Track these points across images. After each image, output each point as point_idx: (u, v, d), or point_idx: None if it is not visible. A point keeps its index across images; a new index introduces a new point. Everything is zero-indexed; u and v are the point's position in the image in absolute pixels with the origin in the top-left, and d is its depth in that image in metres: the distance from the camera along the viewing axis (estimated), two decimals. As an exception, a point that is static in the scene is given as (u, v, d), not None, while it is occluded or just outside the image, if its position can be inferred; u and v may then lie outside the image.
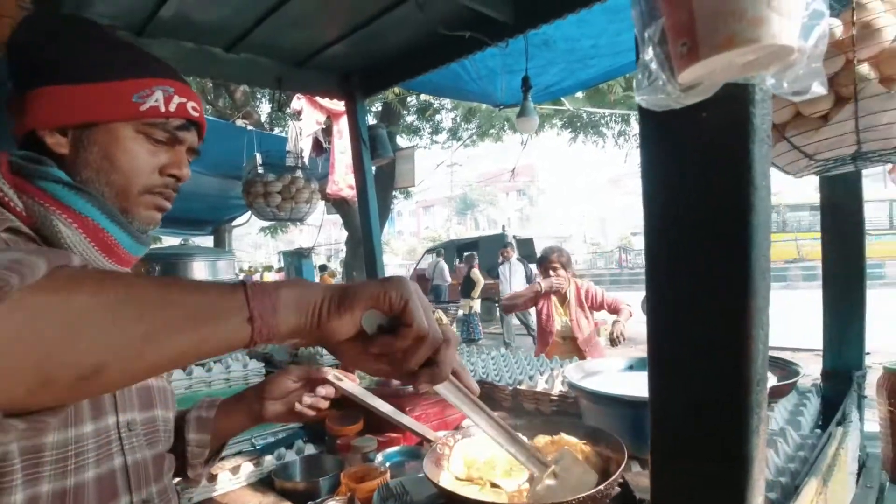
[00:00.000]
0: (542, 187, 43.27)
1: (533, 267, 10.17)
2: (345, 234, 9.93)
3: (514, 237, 13.47)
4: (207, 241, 10.66)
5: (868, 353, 1.62)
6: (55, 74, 0.70)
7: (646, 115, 0.44)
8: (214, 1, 1.85)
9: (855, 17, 0.80)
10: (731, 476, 0.46)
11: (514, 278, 8.98)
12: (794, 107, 0.91)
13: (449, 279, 12.15)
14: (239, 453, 1.40)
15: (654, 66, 0.40)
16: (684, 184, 0.44)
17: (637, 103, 0.42)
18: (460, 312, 9.72)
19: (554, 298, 3.36)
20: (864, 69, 0.81)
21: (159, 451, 0.81)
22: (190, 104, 0.78)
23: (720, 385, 0.45)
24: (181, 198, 0.83)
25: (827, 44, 0.85)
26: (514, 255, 9.44)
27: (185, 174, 0.79)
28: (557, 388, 1.69)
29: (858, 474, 1.47)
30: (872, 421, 1.59)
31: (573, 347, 3.22)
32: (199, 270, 1.61)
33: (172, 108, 0.75)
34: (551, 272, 3.32)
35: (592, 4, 1.91)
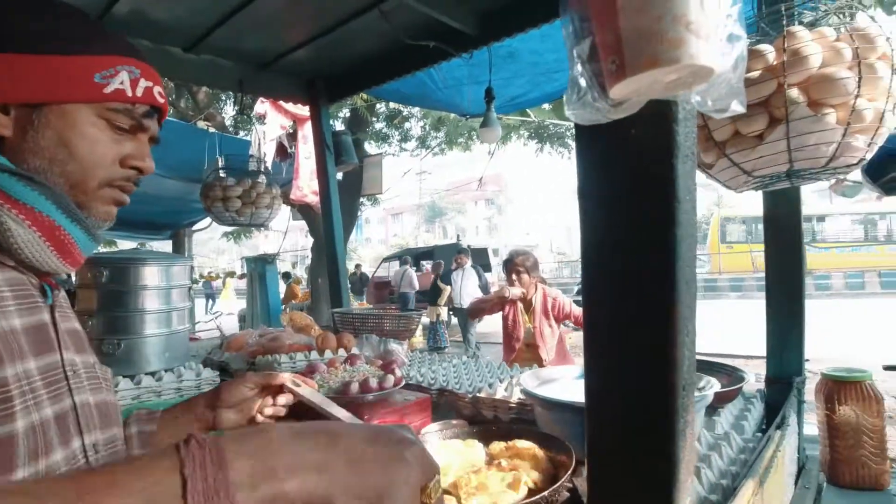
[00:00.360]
0: (510, 197, 43.81)
1: (488, 275, 10.24)
2: (311, 240, 9.78)
3: (469, 246, 13.62)
4: (166, 245, 10.30)
5: (808, 361, 1.70)
6: None
7: (580, 131, 0.46)
8: (173, 1, 1.82)
9: (786, 45, 0.86)
10: (659, 477, 0.48)
11: (467, 285, 8.96)
12: (733, 126, 0.96)
13: (416, 286, 12.14)
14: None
15: (582, 81, 0.42)
16: (614, 197, 0.46)
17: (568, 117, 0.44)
18: (426, 320, 9.70)
19: (520, 305, 3.27)
20: (794, 93, 0.86)
21: None
22: (156, 89, 0.70)
23: (649, 390, 0.47)
24: (138, 200, 0.75)
25: (760, 65, 0.91)
26: (468, 263, 9.48)
27: (148, 166, 0.71)
28: (516, 396, 1.71)
29: (798, 476, 1.55)
30: (812, 424, 1.67)
31: (535, 356, 3.14)
32: (151, 276, 1.54)
33: (139, 92, 0.67)
34: (514, 276, 3.20)
35: (554, 20, 1.97)
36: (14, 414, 0.54)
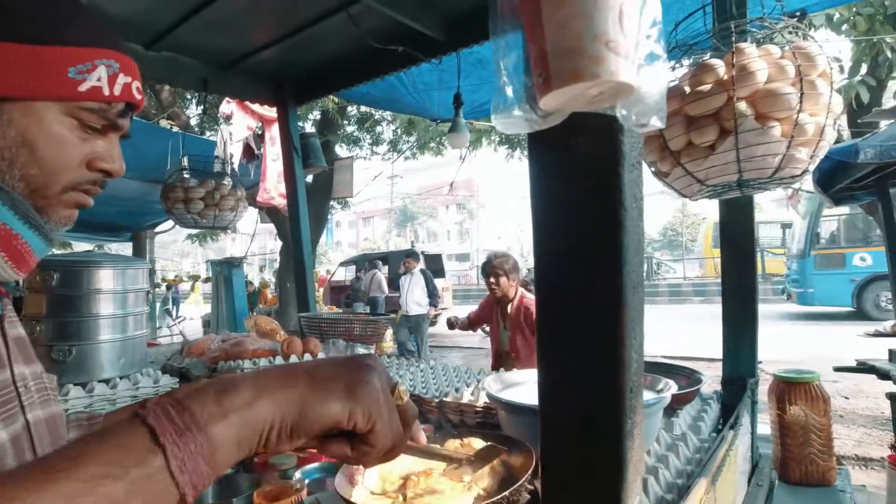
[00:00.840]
0: (482, 201, 44.15)
1: (439, 282, 10.08)
2: (279, 243, 9.62)
3: (423, 252, 13.66)
4: (126, 248, 9.94)
5: (761, 363, 1.77)
6: None
7: (532, 141, 0.48)
8: (132, -4, 1.77)
9: (734, 60, 0.90)
10: (609, 477, 0.50)
11: (414, 290, 8.73)
12: (687, 136, 0.99)
13: (386, 290, 12.07)
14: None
15: (509, 91, 0.43)
16: (563, 204, 0.48)
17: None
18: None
19: (498, 309, 3.18)
20: (742, 106, 0.90)
21: None
22: (135, 84, 0.62)
23: (598, 392, 0.49)
24: (96, 200, 0.67)
25: (711, 79, 0.95)
26: (418, 267, 9.24)
27: (118, 168, 0.63)
28: (482, 400, 1.72)
29: (752, 474, 1.60)
30: (766, 424, 1.74)
31: (510, 364, 3.05)
32: (106, 279, 1.47)
33: (117, 90, 0.59)
34: (493, 279, 3.11)
35: (521, 29, 2.01)
36: None
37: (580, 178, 0.47)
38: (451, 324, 3.79)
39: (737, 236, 1.62)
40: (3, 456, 0.53)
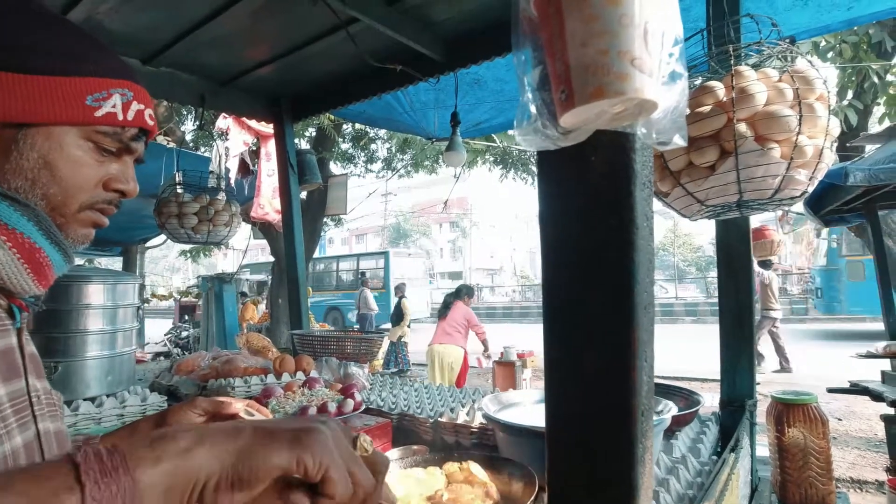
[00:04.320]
0: (475, 220, 44.33)
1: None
2: (272, 259, 9.55)
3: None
4: (116, 262, 9.81)
5: (759, 384, 1.76)
6: None
7: (542, 158, 0.47)
8: (129, 13, 1.77)
9: (734, 82, 0.91)
10: (620, 503, 0.48)
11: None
12: (687, 156, 1.00)
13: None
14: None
15: (532, 108, 0.43)
16: (574, 222, 0.47)
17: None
18: (387, 342, 9.56)
19: None
20: (742, 127, 0.91)
21: None
22: (147, 111, 0.68)
23: (608, 415, 0.47)
24: None
25: (711, 100, 0.95)
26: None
27: (132, 189, 0.69)
28: (478, 421, 1.69)
29: (751, 498, 1.58)
30: (764, 446, 1.72)
31: None
32: (95, 294, 1.44)
33: (130, 116, 0.65)
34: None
35: (518, 50, 2.03)
36: None
37: (591, 195, 0.46)
38: None
39: (733, 257, 1.62)
40: (17, 459, 0.55)
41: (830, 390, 4.09)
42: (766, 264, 7.38)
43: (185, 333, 10.43)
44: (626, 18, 0.38)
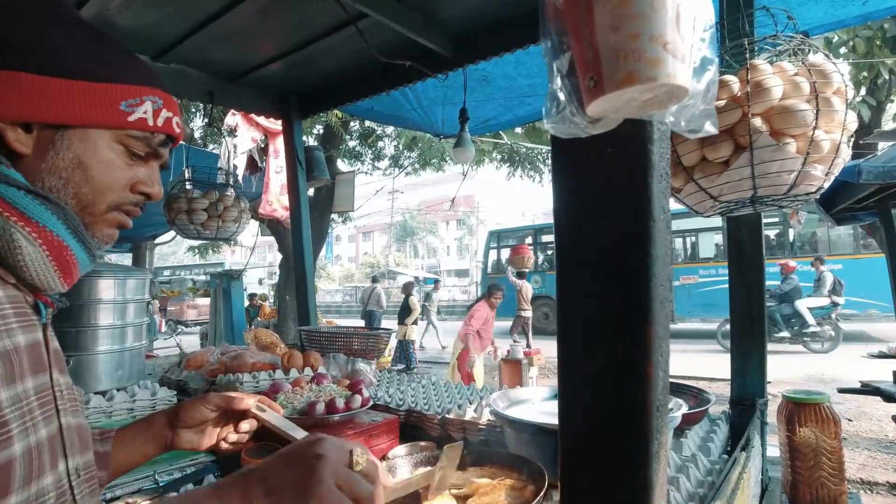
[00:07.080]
0: (481, 217, 44.23)
1: None
2: (279, 256, 9.59)
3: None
4: (126, 258, 9.90)
5: (770, 382, 1.74)
6: (29, 59, 0.59)
7: (556, 149, 0.46)
8: (139, 9, 1.78)
9: (749, 76, 0.89)
10: (632, 500, 0.47)
11: None
12: (701, 151, 0.99)
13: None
14: (138, 491, 1.27)
15: (562, 95, 0.42)
16: (589, 214, 0.46)
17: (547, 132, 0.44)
18: (394, 339, 9.59)
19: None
20: (757, 122, 0.89)
21: (97, 499, 0.72)
22: (175, 119, 0.72)
23: (623, 411, 0.46)
24: None
25: (726, 95, 0.94)
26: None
27: (158, 192, 0.73)
28: (486, 417, 1.69)
29: (762, 498, 1.57)
30: (775, 446, 1.70)
31: None
32: (106, 290, 1.45)
33: (160, 122, 0.69)
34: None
35: (528, 46, 2.02)
36: (12, 438, 0.53)
37: (608, 187, 0.45)
38: None
39: (745, 254, 1.60)
40: (41, 453, 0.57)
41: (841, 391, 4.05)
42: (521, 275, 9.43)
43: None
44: (658, 1, 0.37)
